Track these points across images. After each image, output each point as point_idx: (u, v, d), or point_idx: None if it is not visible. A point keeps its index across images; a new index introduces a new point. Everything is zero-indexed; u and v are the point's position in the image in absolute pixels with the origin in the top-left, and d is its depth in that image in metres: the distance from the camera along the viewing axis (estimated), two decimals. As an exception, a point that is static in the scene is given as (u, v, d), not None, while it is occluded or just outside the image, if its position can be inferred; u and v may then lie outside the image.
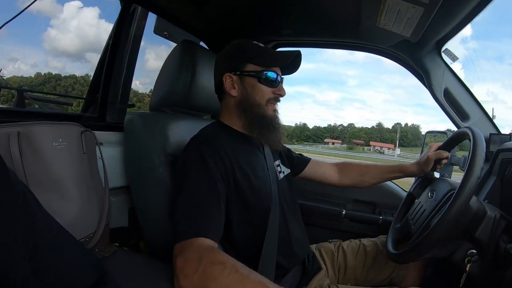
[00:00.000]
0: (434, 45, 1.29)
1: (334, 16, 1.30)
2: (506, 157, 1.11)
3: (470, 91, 1.35)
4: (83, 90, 24.24)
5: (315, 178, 1.25)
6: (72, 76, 17.92)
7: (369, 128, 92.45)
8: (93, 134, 0.90)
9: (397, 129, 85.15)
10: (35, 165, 0.73)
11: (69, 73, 42.08)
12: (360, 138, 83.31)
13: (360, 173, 1.24)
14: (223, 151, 0.86)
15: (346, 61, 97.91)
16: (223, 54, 0.98)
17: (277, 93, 0.96)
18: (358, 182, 1.25)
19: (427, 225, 0.87)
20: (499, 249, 0.80)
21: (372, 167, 1.25)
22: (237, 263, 0.63)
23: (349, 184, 1.27)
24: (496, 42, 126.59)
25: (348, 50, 1.64)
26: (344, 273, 1.15)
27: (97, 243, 0.83)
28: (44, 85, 36.01)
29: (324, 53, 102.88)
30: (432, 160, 1.09)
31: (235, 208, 0.85)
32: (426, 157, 1.11)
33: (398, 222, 1.11)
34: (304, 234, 1.05)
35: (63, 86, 27.96)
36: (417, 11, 0.94)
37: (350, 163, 1.30)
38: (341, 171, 1.27)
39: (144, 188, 1.01)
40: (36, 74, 20.37)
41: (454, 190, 0.82)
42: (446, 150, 1.09)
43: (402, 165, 1.20)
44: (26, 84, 34.78)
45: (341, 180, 1.26)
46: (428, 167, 1.11)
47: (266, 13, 1.35)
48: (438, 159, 1.09)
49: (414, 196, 1.14)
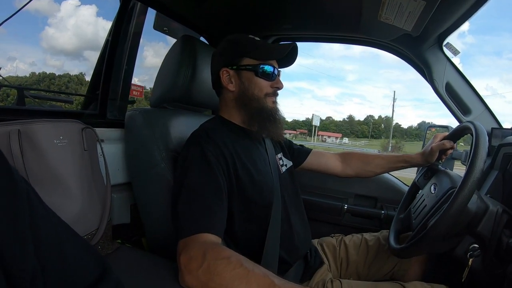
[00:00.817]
0: (435, 39, 1.28)
1: (335, 10, 1.29)
2: (508, 152, 1.11)
3: (471, 85, 1.34)
4: (76, 88, 24.21)
5: (317, 168, 1.24)
6: (66, 75, 17.99)
7: (340, 120, 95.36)
8: (94, 131, 0.90)
9: (370, 121, 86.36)
10: (36, 163, 0.74)
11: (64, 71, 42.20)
12: (330, 130, 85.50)
13: (364, 163, 1.23)
14: (224, 146, 0.86)
15: (343, 56, 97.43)
16: (219, 49, 0.98)
17: (275, 86, 0.95)
18: (362, 172, 1.24)
19: (425, 225, 0.87)
20: (501, 244, 0.80)
21: (376, 156, 1.24)
22: (242, 258, 0.63)
23: (353, 174, 1.25)
24: (495, 37, 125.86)
25: (349, 44, 1.63)
26: (346, 268, 1.15)
27: (100, 239, 0.84)
28: (39, 84, 35.96)
29: (320, 48, 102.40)
30: (436, 151, 1.09)
31: (237, 203, 0.85)
32: (431, 147, 1.10)
33: (402, 213, 1.11)
34: (306, 228, 1.05)
35: (57, 84, 27.97)
36: (419, 5, 0.93)
37: (353, 153, 1.28)
38: (344, 161, 1.26)
39: (146, 184, 1.01)
40: (31, 73, 20.40)
41: (454, 189, 0.82)
42: (451, 140, 1.09)
43: (407, 155, 1.19)
44: (21, 83, 34.87)
45: (345, 170, 1.25)
46: (433, 157, 1.10)
47: (266, 7, 1.34)
48: (443, 149, 1.09)
49: (418, 186, 1.15)
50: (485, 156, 0.78)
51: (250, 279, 0.59)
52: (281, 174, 1.01)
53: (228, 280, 0.59)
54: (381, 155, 1.25)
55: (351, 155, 1.27)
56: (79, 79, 13.94)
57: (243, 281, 0.59)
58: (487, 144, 0.80)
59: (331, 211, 1.57)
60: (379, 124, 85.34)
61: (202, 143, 0.84)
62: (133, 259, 0.86)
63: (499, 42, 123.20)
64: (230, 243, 0.87)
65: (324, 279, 0.99)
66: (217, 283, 0.59)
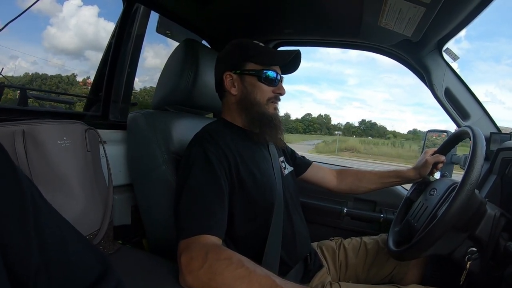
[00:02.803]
0: (435, 44, 1.30)
1: (336, 15, 1.30)
2: (506, 156, 1.12)
3: (470, 90, 1.35)
4: (66, 88, 24.33)
5: (314, 181, 1.26)
6: (57, 76, 17.94)
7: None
8: (96, 132, 0.91)
9: (306, 119, 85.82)
10: (40, 163, 0.74)
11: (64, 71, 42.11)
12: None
13: (357, 179, 1.25)
14: (226, 147, 0.87)
15: (340, 59, 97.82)
16: (223, 53, 1.00)
17: (277, 92, 0.96)
18: (355, 188, 1.26)
19: (434, 216, 0.87)
20: (499, 247, 0.81)
21: (369, 173, 1.26)
22: (243, 258, 0.64)
23: (346, 190, 1.28)
24: (493, 43, 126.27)
25: (350, 49, 1.65)
26: (345, 271, 1.15)
27: (101, 240, 0.84)
28: (31, 84, 36.09)
29: (317, 52, 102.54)
30: (430, 163, 1.11)
31: (239, 204, 0.86)
32: (425, 160, 1.12)
33: (398, 226, 1.11)
34: (307, 231, 1.06)
35: (48, 84, 28.02)
36: (419, 11, 0.94)
37: (348, 170, 1.32)
38: (339, 177, 1.28)
39: (147, 186, 1.01)
40: (25, 73, 20.58)
41: (456, 184, 0.83)
42: (442, 154, 1.12)
43: (399, 170, 1.21)
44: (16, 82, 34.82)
45: (339, 185, 1.27)
46: (426, 171, 1.12)
47: (268, 12, 1.35)
48: (436, 162, 1.11)
49: (412, 200, 1.15)
50: (483, 159, 0.79)
51: (251, 279, 0.59)
52: (283, 176, 1.02)
53: (230, 280, 0.59)
54: (374, 171, 1.26)
55: (346, 171, 1.30)
56: (69, 79, 14.03)
57: (244, 280, 0.59)
58: (485, 147, 0.82)
59: (331, 214, 1.58)
60: (313, 122, 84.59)
61: (204, 144, 0.85)
62: (134, 259, 0.86)
63: (497, 48, 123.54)
64: (231, 244, 0.88)
65: (323, 282, 1.00)
66: (219, 283, 0.60)
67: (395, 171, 1.22)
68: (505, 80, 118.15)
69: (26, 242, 0.35)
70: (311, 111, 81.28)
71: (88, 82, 12.65)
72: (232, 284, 0.59)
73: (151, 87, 5.70)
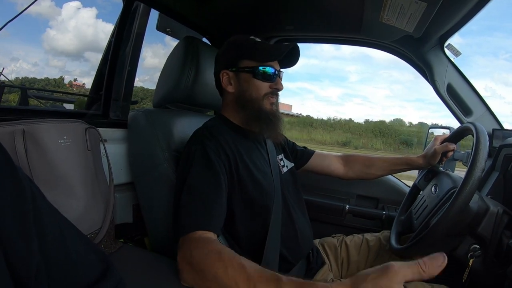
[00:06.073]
0: (437, 40, 1.28)
1: (337, 11, 1.30)
2: (509, 153, 1.11)
3: (473, 86, 1.34)
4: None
5: (320, 170, 1.25)
6: (45, 79, 17.70)
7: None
8: (97, 131, 0.90)
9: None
10: (40, 162, 0.74)
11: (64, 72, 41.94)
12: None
13: (365, 165, 1.24)
14: (225, 144, 0.87)
15: (333, 56, 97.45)
16: (220, 51, 1.00)
17: (274, 87, 0.96)
18: (364, 175, 1.25)
19: (427, 223, 0.88)
20: (502, 244, 0.81)
21: (378, 159, 1.25)
22: (235, 254, 0.63)
23: (354, 177, 1.26)
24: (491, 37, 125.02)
25: (351, 45, 1.63)
26: (347, 268, 1.15)
27: (103, 239, 0.84)
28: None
29: (311, 49, 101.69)
30: (439, 153, 1.10)
31: (238, 201, 0.86)
32: (433, 150, 1.11)
33: (403, 214, 1.11)
34: (309, 228, 1.05)
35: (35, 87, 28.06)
36: (420, 7, 0.94)
37: (356, 156, 1.29)
38: (346, 164, 1.26)
39: (148, 184, 1.01)
40: (16, 78, 20.58)
41: (455, 188, 0.83)
42: (452, 143, 1.09)
43: (409, 157, 1.20)
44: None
45: (347, 173, 1.26)
46: (435, 159, 1.11)
47: (268, 9, 1.35)
48: (445, 151, 1.10)
49: (419, 188, 1.15)
50: (486, 156, 0.79)
51: (247, 273, 0.59)
52: (282, 175, 1.02)
53: (222, 275, 0.59)
54: (383, 157, 1.25)
55: (354, 157, 1.28)
56: (56, 82, 13.89)
57: (242, 276, 0.59)
58: (488, 144, 0.81)
59: (333, 212, 1.58)
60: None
61: (204, 140, 0.85)
62: (136, 258, 0.86)
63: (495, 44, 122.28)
64: (231, 241, 0.88)
65: (326, 279, 1.00)
66: (212, 275, 0.60)
67: (405, 157, 1.21)
68: (500, 74, 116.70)
69: (27, 242, 0.35)
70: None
71: (75, 84, 12.45)
72: (224, 279, 0.59)
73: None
